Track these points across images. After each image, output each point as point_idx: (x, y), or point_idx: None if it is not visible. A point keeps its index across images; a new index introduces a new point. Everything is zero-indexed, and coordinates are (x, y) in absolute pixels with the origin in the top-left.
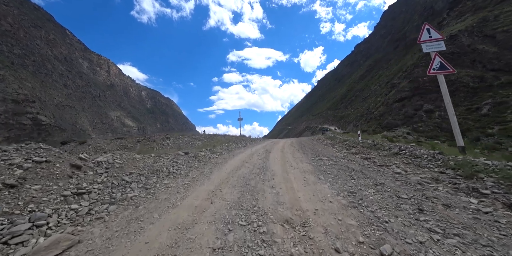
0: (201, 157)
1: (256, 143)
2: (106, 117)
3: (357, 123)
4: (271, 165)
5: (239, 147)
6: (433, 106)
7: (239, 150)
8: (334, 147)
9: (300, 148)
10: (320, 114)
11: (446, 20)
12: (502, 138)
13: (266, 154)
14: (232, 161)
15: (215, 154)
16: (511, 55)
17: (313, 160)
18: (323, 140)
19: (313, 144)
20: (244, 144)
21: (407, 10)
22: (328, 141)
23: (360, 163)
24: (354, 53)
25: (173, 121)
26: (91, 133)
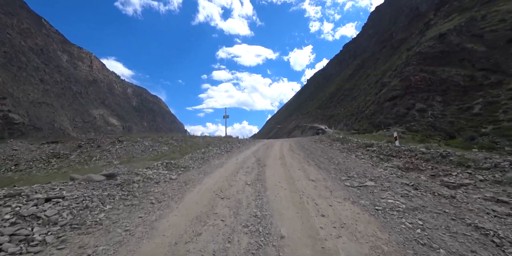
0: (134, 185)
1: (245, 146)
2: (88, 116)
3: (348, 122)
4: (275, 206)
5: (221, 153)
6: (425, 105)
7: (219, 159)
8: (357, 154)
9: (307, 155)
10: (310, 113)
11: (434, 20)
12: (496, 137)
13: (259, 170)
14: (193, 194)
15: (174, 172)
16: (499, 55)
17: (349, 186)
18: (329, 142)
19: (321, 148)
20: (228, 148)
21: (393, 11)
22: (337, 143)
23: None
24: (343, 53)
25: (160, 120)
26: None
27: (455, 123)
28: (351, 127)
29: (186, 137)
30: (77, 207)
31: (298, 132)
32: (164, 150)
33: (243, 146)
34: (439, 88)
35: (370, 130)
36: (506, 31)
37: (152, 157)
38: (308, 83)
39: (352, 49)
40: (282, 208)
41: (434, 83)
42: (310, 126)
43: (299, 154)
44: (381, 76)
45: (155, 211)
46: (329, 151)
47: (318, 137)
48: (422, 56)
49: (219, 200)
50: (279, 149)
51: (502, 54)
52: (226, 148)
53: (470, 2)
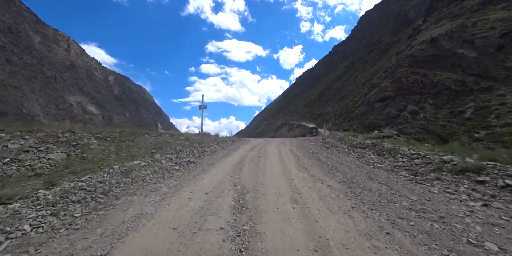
0: None
1: (222, 151)
2: (63, 102)
3: (336, 122)
4: None
5: (169, 171)
6: (417, 107)
7: (138, 207)
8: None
9: (344, 185)
10: (297, 111)
11: (424, 25)
12: (491, 143)
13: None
14: None
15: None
16: (490, 61)
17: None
18: (347, 149)
19: (353, 165)
20: (191, 156)
21: (382, 16)
22: (369, 153)
23: None
24: (332, 54)
25: (144, 110)
26: (43, 119)
27: (448, 127)
28: (340, 127)
29: (136, 133)
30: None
31: (285, 130)
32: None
33: (219, 152)
34: (431, 91)
35: (361, 130)
36: (496, 38)
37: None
38: (297, 81)
39: (341, 51)
40: None
41: (426, 86)
42: (297, 124)
43: (328, 183)
44: (370, 78)
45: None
46: (374, 172)
47: (320, 139)
48: (414, 59)
49: None
50: (279, 163)
51: (492, 60)
52: (186, 157)
53: (459, 10)
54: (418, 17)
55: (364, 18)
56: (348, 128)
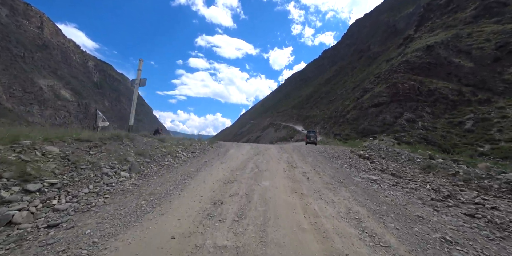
0: None
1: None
2: (32, 85)
3: (325, 125)
4: None
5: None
6: (414, 115)
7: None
8: None
9: None
10: (285, 112)
11: (417, 34)
12: (499, 158)
13: None
14: None
15: None
16: (487, 73)
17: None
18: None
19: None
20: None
21: (371, 25)
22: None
23: None
24: (322, 58)
25: (125, 100)
26: (5, 102)
27: (448, 138)
28: (330, 131)
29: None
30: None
31: (272, 130)
32: None
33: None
34: (428, 99)
35: (353, 135)
36: (493, 50)
37: None
38: (285, 82)
39: (330, 55)
40: None
41: (422, 94)
42: (284, 125)
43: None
44: (359, 83)
45: None
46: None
47: (346, 154)
48: (410, 65)
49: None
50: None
51: (489, 72)
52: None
53: (453, 21)
54: (406, 28)
55: (355, 26)
56: (340, 132)
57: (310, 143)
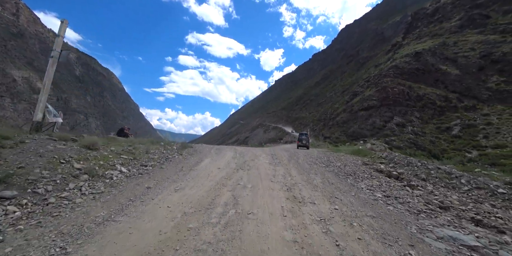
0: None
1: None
2: (3, 76)
3: (315, 128)
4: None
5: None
6: (404, 120)
7: None
8: None
9: None
10: (275, 113)
11: (405, 41)
12: (487, 165)
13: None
14: None
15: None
16: (472, 80)
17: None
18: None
19: None
20: None
21: (360, 31)
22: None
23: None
24: (312, 61)
25: (110, 96)
26: None
27: (436, 143)
28: (320, 133)
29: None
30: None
31: (261, 131)
32: None
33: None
34: (417, 104)
35: (343, 138)
36: (477, 59)
37: None
38: (275, 84)
39: (320, 59)
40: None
41: (411, 98)
42: (273, 127)
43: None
44: (348, 87)
45: None
46: None
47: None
48: (399, 70)
49: None
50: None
51: (474, 80)
52: None
53: (439, 30)
54: (394, 35)
55: (344, 31)
56: (330, 135)
57: (302, 146)
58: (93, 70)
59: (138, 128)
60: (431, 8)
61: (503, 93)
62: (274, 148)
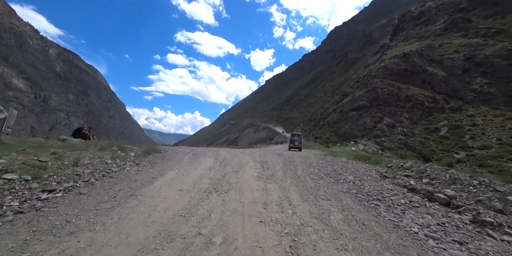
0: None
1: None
2: None
3: (305, 128)
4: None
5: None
6: (394, 120)
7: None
8: None
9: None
10: (265, 113)
11: (393, 42)
12: (475, 166)
13: None
14: None
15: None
16: (457, 82)
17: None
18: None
19: None
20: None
21: (349, 33)
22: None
23: None
24: (302, 62)
25: (94, 95)
26: None
27: (426, 144)
28: (310, 133)
29: None
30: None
31: (251, 131)
32: None
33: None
34: (406, 105)
35: (334, 139)
36: (462, 61)
37: None
38: (266, 84)
39: (310, 59)
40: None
41: (400, 99)
42: (264, 127)
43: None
44: (338, 87)
45: None
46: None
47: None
48: (388, 71)
49: None
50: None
51: (459, 81)
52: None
53: (425, 32)
54: (381, 38)
55: (333, 33)
56: (321, 135)
57: (294, 148)
58: (75, 67)
59: (125, 128)
60: (417, 11)
61: (486, 95)
62: (265, 150)
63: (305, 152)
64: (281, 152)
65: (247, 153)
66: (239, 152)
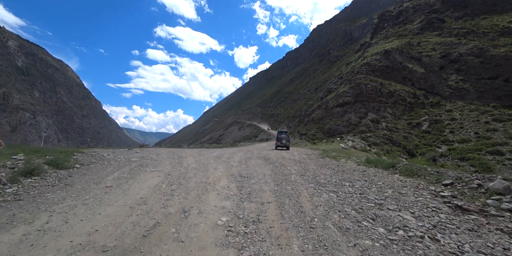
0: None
1: None
2: None
3: (290, 124)
4: None
5: None
6: (378, 116)
7: None
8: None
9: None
10: (249, 110)
11: (374, 40)
12: (456, 159)
13: None
14: None
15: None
16: (435, 78)
17: None
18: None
19: None
20: None
21: (331, 32)
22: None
23: None
24: (285, 59)
25: (65, 92)
26: None
27: (410, 139)
28: (295, 130)
29: None
30: None
31: (236, 128)
32: None
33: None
34: (389, 100)
35: (319, 135)
36: (438, 59)
37: None
38: (250, 81)
39: (293, 57)
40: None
41: (383, 95)
42: (248, 124)
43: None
44: (321, 84)
45: None
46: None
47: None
48: (371, 67)
49: None
50: None
51: (437, 78)
52: None
53: (403, 31)
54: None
55: (316, 31)
56: (306, 132)
57: (281, 146)
58: (41, 61)
59: (101, 127)
60: (395, 10)
61: (462, 91)
62: (248, 150)
63: (294, 151)
64: (267, 152)
65: (224, 157)
66: (214, 155)
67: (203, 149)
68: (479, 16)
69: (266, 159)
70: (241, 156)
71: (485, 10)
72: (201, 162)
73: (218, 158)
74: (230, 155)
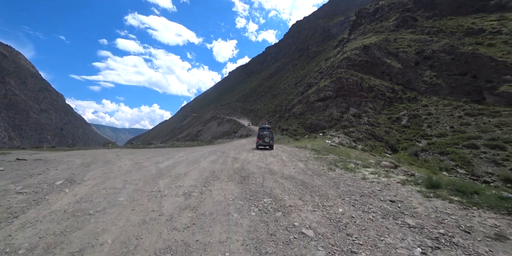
0: None
1: None
2: None
3: (271, 119)
4: None
5: None
6: (359, 110)
7: None
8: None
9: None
10: (229, 105)
11: (353, 36)
12: (437, 154)
13: None
14: None
15: None
16: (411, 74)
17: None
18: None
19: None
20: None
21: (310, 28)
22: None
23: None
24: (265, 54)
25: (17, 84)
26: None
27: (391, 134)
28: (276, 125)
29: None
30: None
31: (215, 124)
32: None
33: None
34: (369, 95)
35: (301, 131)
36: (414, 55)
37: None
38: (229, 75)
39: (273, 52)
40: None
41: (364, 89)
42: (228, 119)
43: None
44: (301, 79)
45: None
46: None
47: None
48: (351, 62)
49: None
50: None
51: (413, 73)
52: None
53: (380, 28)
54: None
55: (295, 27)
56: (287, 127)
57: (264, 145)
58: None
59: (64, 123)
60: (372, 8)
61: (435, 86)
62: (223, 150)
63: (280, 151)
64: (246, 156)
65: (172, 174)
66: (153, 173)
67: (167, 150)
68: (446, 17)
69: (244, 177)
70: (204, 167)
71: (451, 11)
72: (143, 183)
73: (154, 180)
74: (188, 166)
